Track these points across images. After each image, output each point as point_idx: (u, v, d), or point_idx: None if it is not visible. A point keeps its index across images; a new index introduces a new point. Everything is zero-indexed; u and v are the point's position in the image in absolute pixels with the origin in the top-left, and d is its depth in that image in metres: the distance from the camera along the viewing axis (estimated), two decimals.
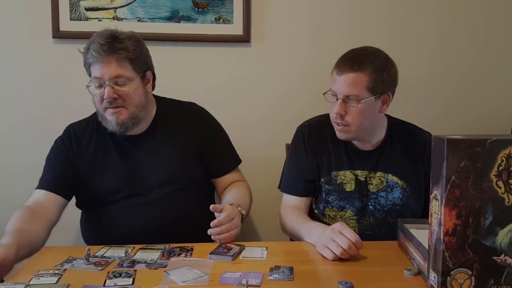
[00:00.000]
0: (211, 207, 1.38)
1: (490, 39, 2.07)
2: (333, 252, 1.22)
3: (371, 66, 1.40)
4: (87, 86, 1.45)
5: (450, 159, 0.95)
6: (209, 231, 1.33)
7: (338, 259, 1.22)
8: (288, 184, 1.61)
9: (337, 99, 1.43)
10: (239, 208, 1.43)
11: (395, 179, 1.53)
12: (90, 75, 1.46)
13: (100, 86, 1.43)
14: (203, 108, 1.67)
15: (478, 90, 2.10)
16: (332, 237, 1.24)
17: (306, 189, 1.58)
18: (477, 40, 2.07)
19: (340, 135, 1.49)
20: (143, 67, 1.49)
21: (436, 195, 0.99)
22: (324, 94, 1.48)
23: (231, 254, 1.25)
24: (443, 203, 0.96)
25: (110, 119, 1.45)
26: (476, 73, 2.09)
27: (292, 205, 1.57)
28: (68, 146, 1.53)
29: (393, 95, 1.48)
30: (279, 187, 1.64)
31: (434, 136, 1.02)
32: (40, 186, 1.50)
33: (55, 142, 1.57)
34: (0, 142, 2.02)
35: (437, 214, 0.98)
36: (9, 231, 1.26)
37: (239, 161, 1.69)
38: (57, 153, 1.55)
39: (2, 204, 1.34)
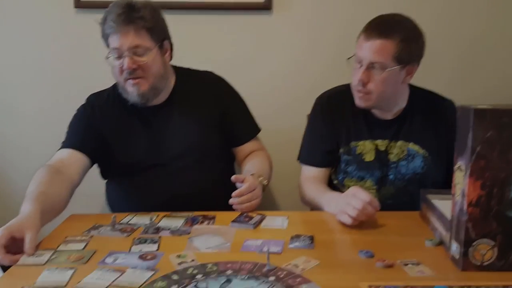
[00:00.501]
0: (233, 177, 1.39)
1: None
2: (351, 216, 1.23)
3: (400, 35, 1.37)
4: (106, 58, 1.45)
5: (476, 130, 0.94)
6: (231, 201, 1.35)
7: (359, 227, 1.23)
8: (307, 155, 1.61)
9: (361, 65, 1.41)
10: (260, 179, 1.44)
11: (416, 147, 1.51)
12: (108, 46, 1.45)
13: (119, 57, 1.42)
14: (221, 77, 1.66)
15: (493, 53, 2.03)
16: (347, 202, 1.25)
17: (325, 159, 1.58)
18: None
19: (359, 102, 1.47)
20: (161, 36, 1.48)
21: (460, 165, 0.98)
22: (348, 58, 1.46)
23: (253, 222, 1.27)
24: (468, 173, 0.95)
25: (131, 91, 1.45)
26: (490, 34, 2.01)
27: (311, 176, 1.58)
28: (91, 114, 1.54)
29: (418, 66, 1.45)
30: (298, 159, 1.64)
31: (460, 106, 1.00)
32: (64, 146, 1.49)
33: (78, 110, 1.57)
34: (21, 114, 2.07)
35: (461, 184, 0.97)
36: (31, 194, 1.23)
37: (258, 129, 1.69)
38: (80, 118, 1.55)
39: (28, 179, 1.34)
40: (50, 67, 2.03)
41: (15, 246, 1.10)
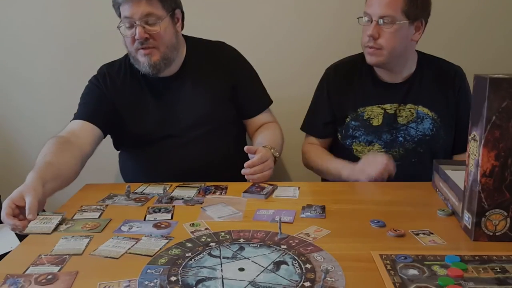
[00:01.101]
0: (246, 148, 1.39)
1: None
2: (370, 174, 1.35)
3: None
4: (118, 27, 1.44)
5: (491, 99, 0.92)
6: (243, 171, 1.36)
7: (370, 197, 1.25)
8: (310, 126, 1.68)
9: (372, 21, 1.43)
10: (272, 151, 1.44)
11: (425, 110, 1.53)
12: (119, 15, 1.44)
13: (131, 26, 1.41)
14: (233, 48, 1.65)
15: (497, 20, 1.97)
16: (367, 162, 1.37)
17: (326, 131, 1.64)
18: None
19: (370, 59, 1.48)
20: (172, 5, 1.47)
21: (475, 135, 0.97)
22: (358, 18, 1.48)
23: (264, 193, 1.28)
24: (482, 144, 0.94)
25: (143, 61, 1.44)
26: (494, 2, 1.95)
27: (313, 144, 1.66)
28: (103, 85, 1.54)
29: (426, 24, 1.48)
30: (301, 128, 1.70)
31: (476, 75, 0.98)
32: (76, 117, 1.49)
33: (90, 81, 1.57)
34: (35, 85, 2.08)
35: (475, 155, 0.97)
36: (37, 164, 1.23)
37: (270, 101, 1.68)
38: (92, 89, 1.55)
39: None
40: (64, 38, 2.03)
41: (23, 214, 1.11)
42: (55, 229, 1.09)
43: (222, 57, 1.61)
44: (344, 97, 1.58)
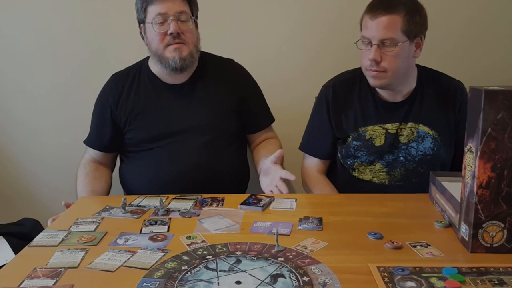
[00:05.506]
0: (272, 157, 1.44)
1: None
2: None
3: (404, 8, 1.38)
4: (150, 23, 1.47)
5: (487, 111, 0.93)
6: (284, 175, 1.40)
7: (367, 210, 1.24)
8: (310, 146, 1.64)
9: (372, 45, 1.40)
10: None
11: (426, 129, 1.51)
12: (143, 18, 1.50)
13: (163, 22, 1.46)
14: (242, 66, 1.70)
15: (493, 33, 1.98)
16: None
17: (328, 152, 1.61)
18: None
19: (374, 82, 1.45)
20: (196, 11, 1.55)
21: (471, 147, 0.98)
22: (356, 42, 1.46)
23: (261, 205, 1.28)
24: (478, 155, 0.94)
25: (172, 56, 1.48)
26: (489, 14, 1.96)
27: (314, 168, 1.62)
28: (111, 97, 1.59)
29: (424, 39, 1.46)
30: (300, 148, 1.66)
31: (471, 87, 0.99)
32: (91, 146, 1.63)
33: (99, 95, 1.63)
34: (34, 95, 2.07)
35: (471, 166, 0.97)
36: (81, 193, 1.47)
37: (272, 119, 1.72)
38: (100, 109, 1.62)
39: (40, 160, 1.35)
40: (67, 51, 2.03)
41: None
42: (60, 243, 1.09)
43: (231, 71, 1.66)
44: (344, 117, 1.55)
